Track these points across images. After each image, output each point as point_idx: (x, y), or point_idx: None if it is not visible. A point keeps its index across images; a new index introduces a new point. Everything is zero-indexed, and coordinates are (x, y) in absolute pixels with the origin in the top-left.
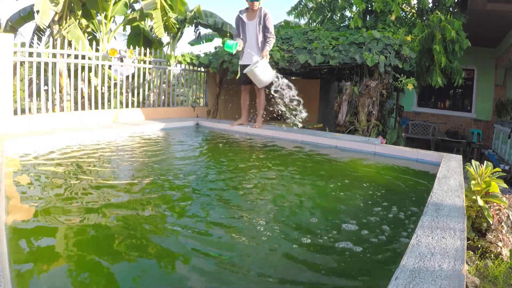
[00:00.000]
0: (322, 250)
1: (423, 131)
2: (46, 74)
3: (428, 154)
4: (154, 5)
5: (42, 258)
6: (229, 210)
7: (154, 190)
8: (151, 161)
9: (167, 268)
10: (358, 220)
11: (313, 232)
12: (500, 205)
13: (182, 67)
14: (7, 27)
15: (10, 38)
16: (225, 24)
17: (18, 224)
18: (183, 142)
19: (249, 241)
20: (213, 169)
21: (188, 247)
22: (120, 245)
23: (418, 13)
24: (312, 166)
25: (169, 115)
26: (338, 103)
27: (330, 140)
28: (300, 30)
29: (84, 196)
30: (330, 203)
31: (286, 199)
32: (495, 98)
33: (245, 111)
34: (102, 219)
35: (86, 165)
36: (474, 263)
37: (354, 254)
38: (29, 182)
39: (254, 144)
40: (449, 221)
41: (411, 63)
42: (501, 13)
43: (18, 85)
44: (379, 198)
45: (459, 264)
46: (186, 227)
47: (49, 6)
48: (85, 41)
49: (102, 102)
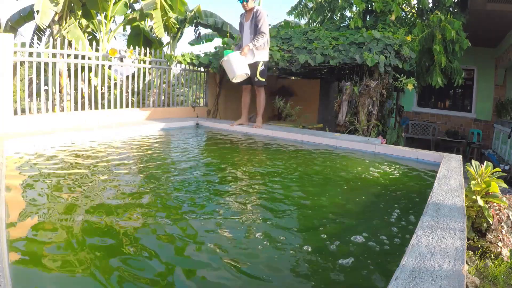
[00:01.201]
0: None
1: (423, 131)
2: (46, 74)
3: (428, 154)
4: (154, 5)
5: (42, 258)
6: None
7: (155, 189)
8: (151, 162)
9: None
10: (358, 221)
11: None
12: (500, 205)
13: (182, 67)
14: (7, 27)
15: (10, 38)
16: (225, 24)
17: (18, 224)
18: (183, 142)
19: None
20: (213, 170)
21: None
22: (120, 245)
23: (418, 13)
24: (312, 165)
25: (169, 115)
26: (338, 103)
27: (330, 140)
28: (300, 30)
29: (84, 196)
30: (331, 202)
31: (292, 201)
32: (495, 98)
33: (245, 111)
34: (102, 218)
35: (86, 165)
36: (474, 263)
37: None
38: (29, 182)
39: (254, 144)
40: (449, 221)
41: (411, 63)
42: (501, 13)
43: (18, 85)
44: (379, 198)
45: (459, 264)
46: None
47: (49, 6)
48: (85, 41)
49: (102, 102)
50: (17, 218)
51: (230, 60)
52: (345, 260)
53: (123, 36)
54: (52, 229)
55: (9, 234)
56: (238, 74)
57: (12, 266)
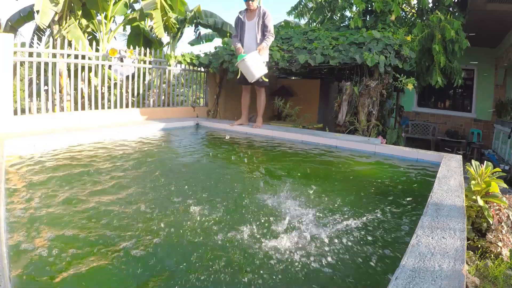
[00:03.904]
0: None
1: (423, 131)
2: (46, 74)
3: (428, 154)
4: (154, 5)
5: (42, 258)
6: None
7: (155, 188)
8: (151, 162)
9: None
10: (358, 217)
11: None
12: (500, 205)
13: (182, 67)
14: (7, 27)
15: (10, 38)
16: (225, 24)
17: (18, 224)
18: (183, 142)
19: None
20: (212, 171)
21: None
22: (119, 244)
23: (418, 13)
24: (311, 165)
25: (169, 115)
26: (338, 103)
27: (330, 140)
28: (300, 30)
29: (84, 196)
30: (331, 199)
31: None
32: (495, 98)
33: (245, 111)
34: (102, 218)
35: (86, 164)
36: (474, 263)
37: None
38: (29, 182)
39: (254, 144)
40: (449, 221)
41: (411, 63)
42: (501, 13)
43: (18, 85)
44: (379, 197)
45: (459, 264)
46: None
47: (49, 6)
48: (85, 41)
49: (102, 102)
50: (17, 218)
51: (248, 65)
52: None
53: (123, 36)
54: (52, 229)
55: (9, 234)
56: (257, 77)
57: (12, 266)
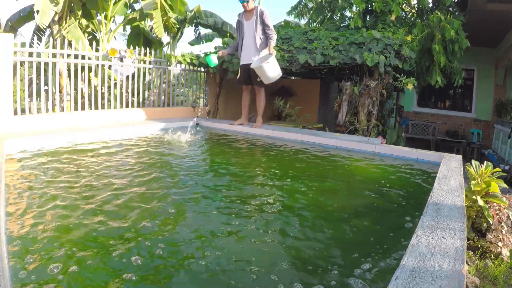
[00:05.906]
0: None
1: (423, 131)
2: (46, 74)
3: (428, 154)
4: (154, 5)
5: (42, 258)
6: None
7: (154, 188)
8: (151, 161)
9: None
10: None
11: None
12: (500, 205)
13: (182, 67)
14: (7, 27)
15: (10, 38)
16: (225, 24)
17: (18, 224)
18: (183, 142)
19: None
20: (212, 170)
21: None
22: (120, 243)
23: (418, 13)
24: (311, 165)
25: (169, 115)
26: (338, 103)
27: (330, 140)
28: (300, 30)
29: (84, 195)
30: (333, 201)
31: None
32: (495, 98)
33: (245, 111)
34: (102, 218)
35: (86, 165)
36: (474, 263)
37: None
38: (29, 182)
39: (254, 144)
40: (449, 221)
41: (411, 63)
42: (501, 13)
43: (18, 85)
44: (379, 197)
45: (459, 264)
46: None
47: (49, 6)
48: (85, 41)
49: (102, 102)
50: (17, 218)
51: (264, 69)
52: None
53: (123, 36)
54: (52, 229)
55: (9, 234)
56: (277, 77)
57: (12, 266)
